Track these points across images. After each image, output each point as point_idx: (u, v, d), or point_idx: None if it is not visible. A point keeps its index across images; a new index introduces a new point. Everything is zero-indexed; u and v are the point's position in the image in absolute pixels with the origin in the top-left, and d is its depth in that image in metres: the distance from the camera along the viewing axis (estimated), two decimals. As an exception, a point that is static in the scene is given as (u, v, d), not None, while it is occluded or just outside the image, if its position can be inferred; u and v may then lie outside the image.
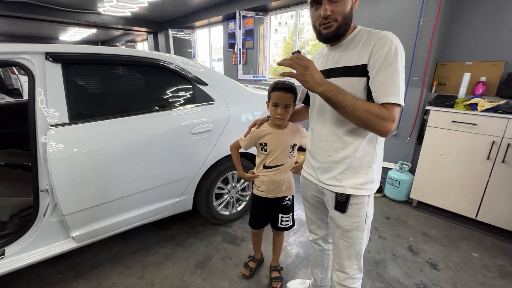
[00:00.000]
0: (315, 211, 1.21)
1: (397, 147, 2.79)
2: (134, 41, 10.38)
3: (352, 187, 0.96)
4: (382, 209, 2.53)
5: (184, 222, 2.25)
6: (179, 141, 1.76)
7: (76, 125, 1.43)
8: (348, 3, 0.86)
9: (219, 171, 2.02)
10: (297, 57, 0.82)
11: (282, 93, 1.20)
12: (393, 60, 0.81)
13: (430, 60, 2.45)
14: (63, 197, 1.39)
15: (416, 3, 2.43)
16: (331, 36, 0.90)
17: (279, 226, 1.49)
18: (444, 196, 2.33)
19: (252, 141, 1.36)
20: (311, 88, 0.83)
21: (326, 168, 1.01)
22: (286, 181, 1.40)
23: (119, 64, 1.63)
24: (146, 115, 1.66)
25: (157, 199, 1.78)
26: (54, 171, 1.33)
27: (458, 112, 2.15)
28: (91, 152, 1.45)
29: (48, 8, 5.36)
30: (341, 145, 0.96)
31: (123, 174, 1.58)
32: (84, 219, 1.50)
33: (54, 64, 1.39)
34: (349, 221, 1.00)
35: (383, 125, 0.80)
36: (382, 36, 0.85)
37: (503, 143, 1.97)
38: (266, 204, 1.46)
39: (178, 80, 1.84)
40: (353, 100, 0.81)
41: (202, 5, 5.26)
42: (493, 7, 2.26)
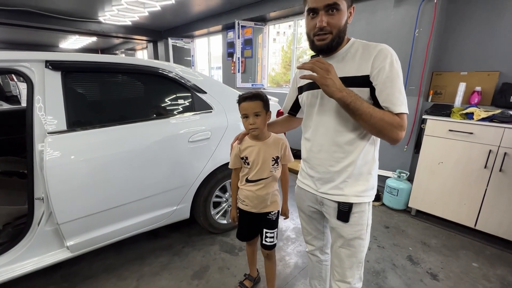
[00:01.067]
0: (310, 221, 1.20)
1: (394, 155, 2.80)
2: (134, 49, 10.48)
3: (355, 195, 0.97)
4: (381, 218, 2.52)
5: (181, 231, 2.22)
6: (177, 149, 1.75)
7: (74, 133, 1.43)
8: (343, 16, 0.88)
9: (217, 179, 2.01)
10: (318, 60, 0.83)
11: (248, 102, 1.19)
12: (396, 71, 0.85)
13: (426, 69, 2.48)
14: (58, 206, 1.37)
15: (411, 14, 2.48)
16: (324, 48, 0.91)
17: (263, 242, 1.41)
18: (443, 205, 2.32)
19: (237, 157, 1.32)
20: (331, 92, 0.83)
21: (328, 178, 1.01)
22: (271, 196, 1.35)
23: (119, 72, 1.64)
24: (144, 123, 1.66)
25: (154, 207, 1.76)
26: (50, 179, 1.32)
27: (455, 121, 2.17)
28: (88, 160, 1.44)
29: (49, 16, 5.42)
30: (342, 155, 0.96)
31: (120, 182, 1.56)
32: (79, 228, 1.48)
33: (53, 72, 1.40)
34: (352, 230, 0.99)
35: (396, 132, 0.84)
36: (382, 48, 0.88)
37: (499, 152, 1.98)
38: (251, 218, 1.41)
39: (177, 88, 1.86)
40: (370, 108, 0.83)
41: (202, 15, 5.35)
42: (486, 19, 2.32)
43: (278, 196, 1.40)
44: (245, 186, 1.35)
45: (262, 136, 1.28)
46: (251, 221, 1.42)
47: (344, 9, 0.87)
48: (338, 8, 0.85)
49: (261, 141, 1.28)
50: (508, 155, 1.95)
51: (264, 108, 1.21)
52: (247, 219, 1.42)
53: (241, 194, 1.38)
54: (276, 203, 1.39)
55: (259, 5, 4.30)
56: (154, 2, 4.27)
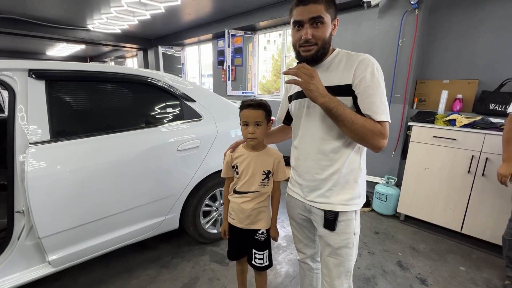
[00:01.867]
0: (301, 229, 1.20)
1: (383, 161, 2.85)
2: (124, 57, 10.41)
3: (341, 203, 0.97)
4: (371, 223, 2.54)
5: (170, 242, 2.17)
6: (165, 158, 1.73)
7: (58, 143, 1.39)
8: (328, 29, 0.92)
9: (207, 188, 1.99)
10: (302, 66, 0.86)
11: (250, 110, 1.14)
12: (377, 80, 0.88)
13: (410, 78, 2.57)
14: (40, 219, 1.32)
15: (395, 25, 2.58)
16: (309, 58, 0.94)
17: (252, 263, 1.32)
18: (430, 210, 2.37)
19: (228, 165, 1.27)
20: (314, 97, 0.84)
21: (314, 186, 1.02)
22: (257, 212, 1.27)
23: (105, 81, 1.62)
24: (131, 132, 1.63)
25: (141, 218, 1.72)
26: (31, 191, 1.28)
27: (439, 128, 2.24)
28: (72, 171, 1.40)
29: (36, 24, 5.34)
30: (327, 163, 0.97)
31: (106, 193, 1.52)
32: (62, 241, 1.43)
33: (37, 81, 1.37)
34: (339, 239, 1.00)
35: (378, 140, 0.86)
36: (364, 58, 0.91)
37: (481, 157, 2.05)
38: (239, 234, 1.33)
39: (165, 96, 1.85)
40: (351, 114, 0.85)
41: (192, 23, 5.39)
42: (464, 31, 2.43)
43: (267, 213, 1.31)
44: (232, 197, 1.30)
45: (258, 147, 1.24)
46: (239, 238, 1.34)
47: (328, 22, 0.91)
48: (323, 21, 0.89)
49: (255, 152, 1.23)
50: (489, 160, 2.02)
51: (266, 118, 1.17)
52: (235, 235, 1.35)
53: (230, 206, 1.33)
54: (263, 221, 1.29)
55: (248, 15, 4.38)
56: (143, 10, 4.28)
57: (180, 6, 4.01)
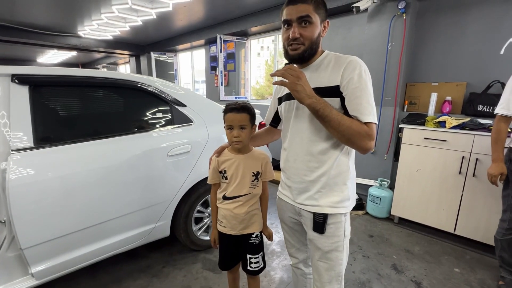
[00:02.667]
0: (293, 233, 1.17)
1: (375, 164, 2.86)
2: (116, 63, 10.35)
3: (329, 205, 0.96)
4: (365, 227, 2.53)
5: (162, 250, 2.12)
6: (155, 164, 1.70)
7: (42, 150, 1.35)
8: (316, 29, 0.92)
9: (199, 194, 1.96)
10: (290, 67, 0.86)
11: (235, 113, 1.13)
12: (365, 82, 0.88)
13: (400, 81, 2.60)
14: (22, 229, 1.27)
15: (384, 29, 2.62)
16: (296, 57, 0.95)
17: (248, 269, 1.30)
18: (423, 212, 2.37)
19: (215, 171, 1.24)
20: (301, 98, 0.85)
21: (302, 188, 1.01)
22: (250, 215, 1.25)
23: (93, 86, 1.59)
24: (119, 138, 1.60)
25: (130, 226, 1.67)
26: (13, 200, 1.23)
27: (429, 129, 2.26)
28: (57, 178, 1.36)
29: (26, 31, 5.27)
30: (316, 164, 0.96)
31: (92, 201, 1.48)
32: (46, 252, 1.37)
33: (20, 86, 1.33)
34: (328, 242, 0.98)
35: (365, 141, 0.85)
36: (351, 60, 0.91)
37: (472, 158, 2.07)
38: (231, 242, 1.29)
39: (155, 101, 1.82)
40: (338, 115, 0.84)
41: (185, 29, 5.39)
42: (450, 34, 2.48)
43: (259, 215, 1.30)
44: (222, 204, 1.26)
45: (244, 150, 1.23)
46: (232, 246, 1.30)
47: (317, 22, 0.91)
48: (311, 21, 0.89)
49: (242, 155, 1.22)
50: (479, 161, 2.04)
51: (251, 121, 1.17)
52: (226, 243, 1.31)
53: (219, 214, 1.29)
54: (257, 223, 1.28)
55: (240, 20, 4.40)
56: (135, 17, 4.26)
57: (171, 12, 4.01)
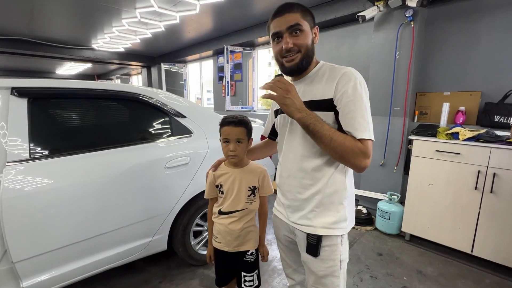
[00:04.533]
0: (289, 252, 1.10)
1: (384, 177, 2.73)
2: (129, 74, 10.68)
3: (324, 226, 0.89)
4: (374, 244, 2.39)
5: (160, 264, 2.07)
6: (152, 176, 1.67)
7: (38, 162, 1.34)
8: (308, 36, 0.88)
9: (198, 207, 1.91)
10: (279, 80, 0.82)
11: (231, 127, 1.11)
12: (360, 95, 0.82)
13: (409, 90, 2.50)
14: (14, 242, 1.25)
15: (391, 38, 2.55)
16: (295, 68, 0.90)
17: (242, 287, 1.26)
18: (437, 229, 2.21)
19: (212, 185, 1.22)
20: (290, 112, 0.81)
21: (296, 206, 0.95)
22: (246, 232, 1.21)
23: (91, 98, 1.60)
24: (116, 150, 1.58)
25: (125, 240, 1.63)
26: (6, 213, 1.22)
27: (441, 142, 2.14)
28: (52, 190, 1.34)
29: (43, 44, 5.53)
30: (309, 181, 0.90)
31: (88, 213, 1.45)
32: (38, 266, 1.34)
33: (19, 99, 1.34)
34: (323, 266, 0.91)
35: (359, 160, 0.79)
36: (346, 71, 0.85)
37: (488, 173, 1.92)
38: (226, 259, 1.25)
39: (154, 112, 1.81)
40: (330, 131, 0.79)
41: (193, 40, 5.50)
42: (462, 42, 2.38)
43: (255, 232, 1.26)
44: (217, 219, 1.23)
45: (240, 164, 1.20)
46: (226, 262, 1.27)
47: (307, 29, 0.88)
48: (301, 29, 0.86)
49: (238, 168, 1.20)
50: (497, 176, 1.89)
51: (247, 135, 1.15)
52: (222, 259, 1.27)
53: (214, 230, 1.25)
54: (252, 241, 1.24)
55: (247, 31, 4.45)
56: (144, 29, 4.39)
57: (179, 24, 4.10)
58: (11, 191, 1.23)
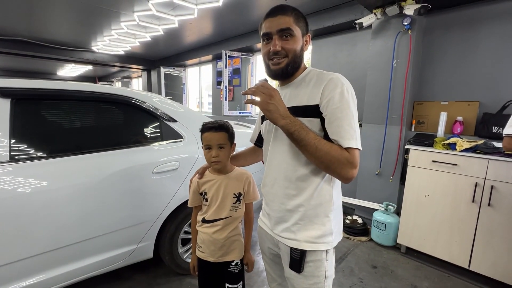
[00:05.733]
0: (274, 266, 1.05)
1: (380, 186, 2.67)
2: (130, 77, 10.71)
3: (308, 241, 0.84)
4: (369, 255, 2.32)
5: (146, 272, 2.00)
6: (138, 181, 1.62)
7: (17, 164, 1.30)
8: (298, 42, 0.85)
9: (187, 213, 1.85)
10: (262, 85, 0.79)
11: (212, 132, 1.09)
12: (347, 102, 0.78)
13: (407, 99, 2.46)
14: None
15: (388, 46, 2.52)
16: (279, 72, 0.87)
17: None
18: (433, 242, 2.15)
19: (195, 193, 1.19)
20: (273, 119, 0.77)
21: (280, 217, 0.90)
22: (230, 241, 1.17)
23: (77, 100, 1.56)
24: (101, 153, 1.54)
25: (110, 246, 1.57)
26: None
27: (438, 152, 2.09)
28: (30, 194, 1.29)
29: (43, 46, 5.55)
30: (293, 192, 0.86)
31: (69, 219, 1.40)
32: (15, 273, 1.29)
33: (1, 99, 1.31)
34: (307, 283, 0.86)
35: (346, 170, 0.75)
36: (333, 77, 0.82)
37: (486, 185, 1.87)
38: (210, 269, 1.21)
39: (144, 116, 1.77)
40: (316, 139, 0.75)
41: (193, 45, 5.52)
42: (462, 51, 2.35)
43: (240, 242, 1.22)
44: (201, 227, 1.19)
45: (225, 170, 1.17)
46: (210, 273, 1.22)
47: (299, 35, 0.85)
48: (292, 34, 0.83)
49: (223, 175, 1.17)
50: (495, 189, 1.83)
51: (229, 140, 1.13)
52: (205, 270, 1.22)
53: (198, 239, 1.21)
54: (237, 250, 1.20)
55: (246, 37, 4.45)
56: (143, 33, 4.39)
57: (178, 28, 4.10)
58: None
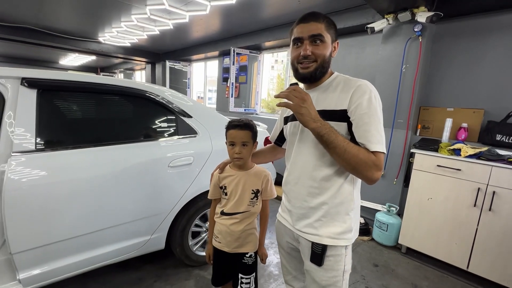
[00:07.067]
0: (291, 259, 1.11)
1: (384, 188, 2.74)
2: (133, 69, 10.67)
3: (329, 236, 0.90)
4: (370, 254, 2.39)
5: (155, 263, 2.05)
6: (155, 174, 1.66)
7: (43, 153, 1.34)
8: (328, 48, 0.90)
9: (198, 207, 1.90)
10: (294, 89, 0.83)
11: (237, 130, 1.14)
12: (374, 108, 0.83)
13: (414, 104, 2.52)
14: (14, 233, 1.24)
15: (398, 51, 2.57)
16: (307, 76, 0.92)
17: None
18: (433, 244, 2.22)
19: (216, 186, 1.24)
20: (305, 122, 0.81)
21: (302, 214, 0.95)
22: (246, 234, 1.23)
23: (99, 93, 1.60)
24: (120, 146, 1.58)
25: (124, 237, 1.62)
26: (8, 203, 1.21)
27: (443, 157, 2.15)
28: (54, 184, 1.34)
29: (50, 34, 5.52)
30: (317, 190, 0.91)
31: (88, 208, 1.45)
32: (36, 258, 1.34)
33: (28, 90, 1.34)
34: (326, 276, 0.91)
35: (371, 172, 0.80)
36: (361, 84, 0.87)
37: (488, 191, 1.94)
38: (225, 259, 1.27)
39: (161, 111, 1.81)
40: (344, 142, 0.80)
41: (200, 40, 5.52)
42: (470, 59, 2.41)
43: (255, 235, 1.28)
44: (220, 219, 1.25)
45: (245, 166, 1.22)
46: (225, 263, 1.28)
47: (329, 42, 0.89)
48: (323, 40, 0.88)
49: (243, 171, 1.22)
50: (497, 194, 1.90)
51: (252, 138, 1.18)
52: (220, 259, 1.28)
53: (215, 229, 1.26)
54: (252, 243, 1.26)
55: (254, 35, 4.47)
56: (152, 26, 4.40)
57: (188, 23, 4.12)
58: (14, 182, 1.23)
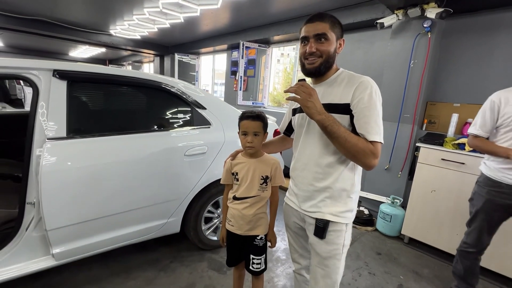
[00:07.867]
0: (297, 238, 1.22)
1: (389, 181, 2.82)
2: (141, 61, 10.77)
3: (331, 213, 1.01)
4: (374, 243, 2.49)
5: (170, 245, 2.19)
6: (173, 162, 1.78)
7: (73, 140, 1.46)
8: (332, 45, 0.98)
9: (211, 194, 2.02)
10: (302, 85, 0.92)
11: (250, 121, 1.22)
12: (374, 102, 0.93)
13: (420, 99, 2.57)
14: (49, 211, 1.37)
15: (407, 47, 2.61)
16: (313, 71, 1.01)
17: (249, 268, 1.37)
18: (435, 234, 2.31)
19: (228, 172, 1.33)
20: (311, 114, 0.90)
21: (308, 196, 1.06)
22: (257, 218, 1.32)
23: (122, 84, 1.70)
24: (142, 135, 1.70)
25: (145, 219, 1.75)
26: (44, 184, 1.34)
27: (447, 151, 2.22)
28: (84, 168, 1.46)
29: (62, 26, 5.63)
30: (322, 175, 1.02)
31: (113, 191, 1.57)
32: (67, 235, 1.47)
33: (59, 81, 1.45)
34: (328, 248, 1.03)
35: (369, 159, 0.90)
36: (363, 80, 0.96)
37: (490, 184, 2.00)
38: (237, 241, 1.37)
39: (178, 102, 1.91)
40: (346, 132, 0.90)
41: (209, 34, 5.57)
42: (478, 55, 2.44)
43: (266, 219, 1.37)
44: (232, 204, 1.34)
45: (256, 155, 1.31)
46: (237, 245, 1.38)
47: (333, 39, 0.98)
48: (327, 38, 0.97)
49: (254, 159, 1.31)
50: (499, 187, 1.97)
51: (263, 129, 1.27)
52: (233, 242, 1.39)
53: (228, 213, 1.37)
54: (262, 226, 1.35)
55: (263, 29, 4.51)
56: (164, 19, 4.47)
57: (198, 17, 4.18)
58: (49, 165, 1.35)
